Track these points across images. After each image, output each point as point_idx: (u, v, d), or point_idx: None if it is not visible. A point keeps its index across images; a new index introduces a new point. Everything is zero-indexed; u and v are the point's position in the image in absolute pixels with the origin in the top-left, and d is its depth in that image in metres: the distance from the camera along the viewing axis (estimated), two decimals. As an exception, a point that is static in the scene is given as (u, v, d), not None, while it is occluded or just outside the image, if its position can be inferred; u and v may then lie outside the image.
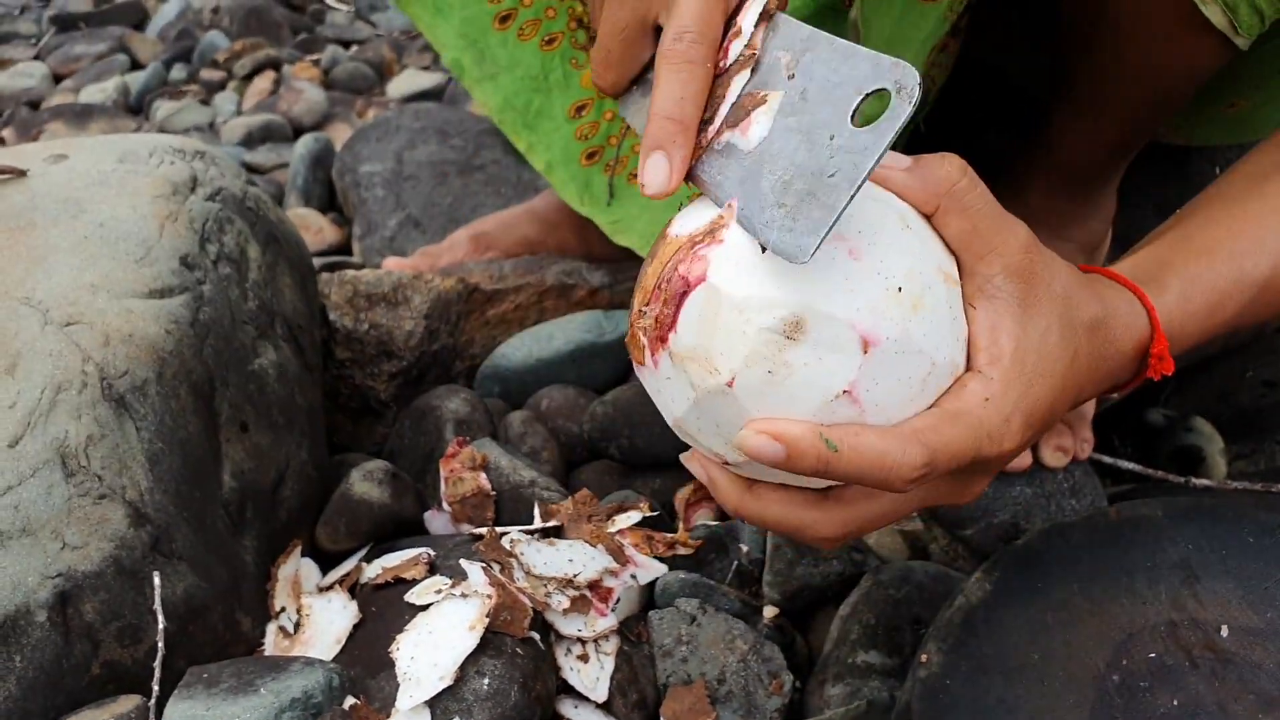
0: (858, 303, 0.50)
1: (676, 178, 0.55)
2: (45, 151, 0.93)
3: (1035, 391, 0.53)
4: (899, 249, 0.52)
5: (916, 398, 0.53)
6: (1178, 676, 0.62)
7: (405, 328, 1.07)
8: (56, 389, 0.72)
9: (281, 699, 0.65)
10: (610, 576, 0.81)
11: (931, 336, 0.52)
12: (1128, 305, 0.59)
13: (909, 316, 0.51)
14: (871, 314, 0.51)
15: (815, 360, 0.50)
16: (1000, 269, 0.53)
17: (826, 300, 0.50)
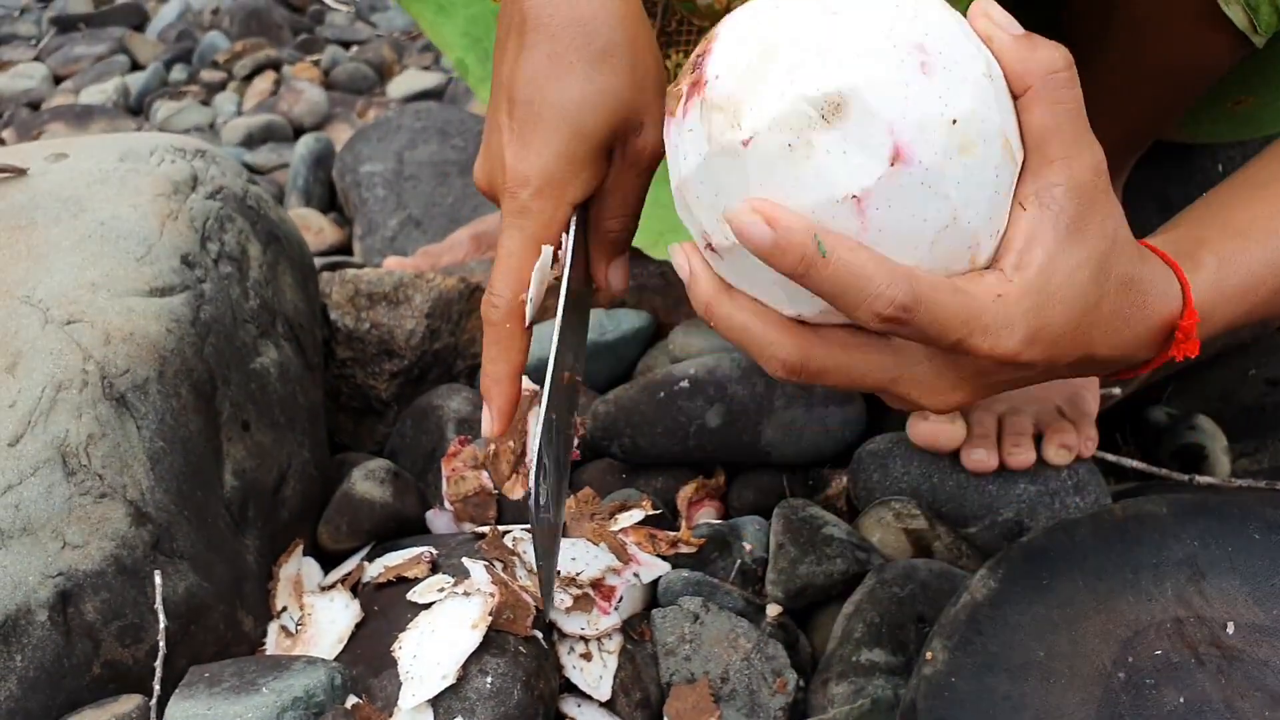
0: (905, 110, 0.47)
1: (498, 424, 0.65)
2: (46, 150, 0.93)
3: (1048, 314, 0.51)
4: (972, 89, 0.48)
5: (923, 248, 0.49)
6: (1184, 674, 0.62)
7: (407, 327, 1.07)
8: (57, 388, 0.72)
9: (283, 698, 0.65)
10: (613, 575, 0.81)
11: (965, 189, 0.49)
12: (1164, 278, 0.57)
13: (951, 153, 0.48)
14: (914, 129, 0.47)
15: (839, 151, 0.48)
16: (1065, 179, 0.50)
17: (874, 90, 0.47)
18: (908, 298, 0.48)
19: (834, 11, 0.49)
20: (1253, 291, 0.61)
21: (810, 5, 0.50)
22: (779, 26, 0.50)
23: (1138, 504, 0.73)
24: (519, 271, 0.62)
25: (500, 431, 0.64)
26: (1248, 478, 0.97)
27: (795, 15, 0.50)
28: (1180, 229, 0.63)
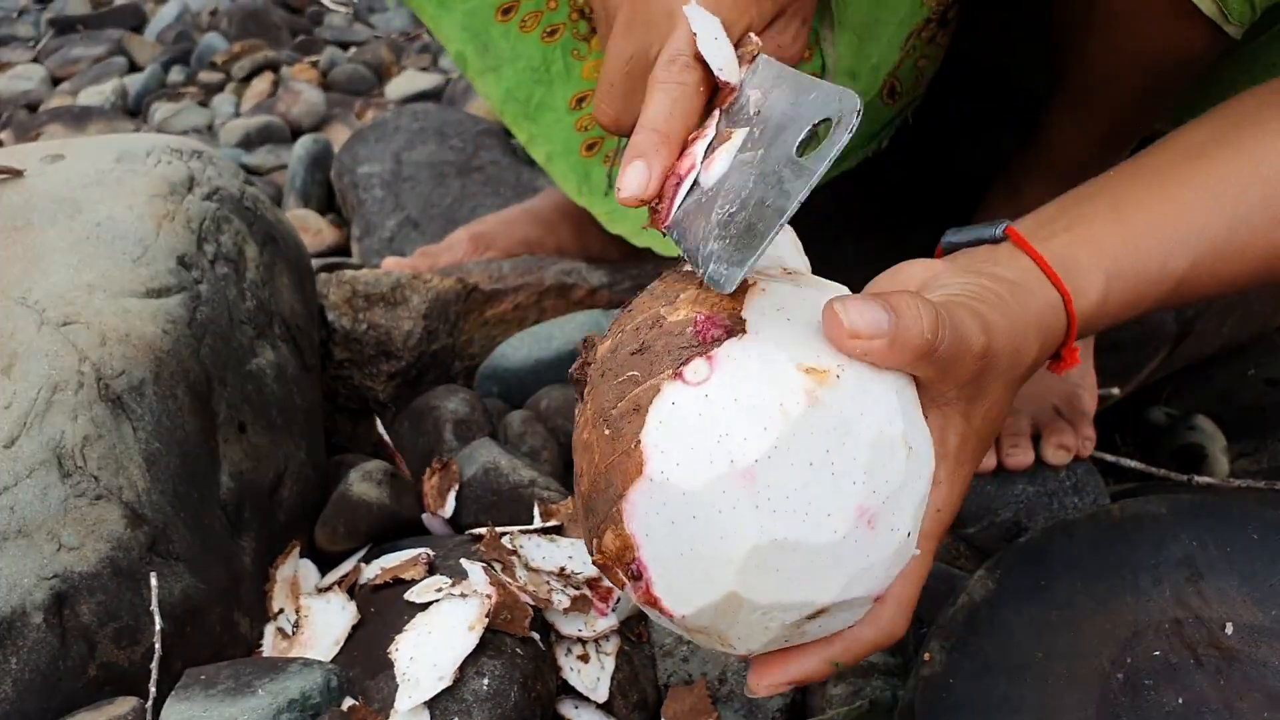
0: (875, 575, 0.50)
1: (654, 186, 0.54)
2: (42, 151, 0.93)
3: (974, 464, 0.56)
4: (907, 489, 0.50)
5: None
6: (1182, 674, 0.62)
7: (404, 328, 1.07)
8: (53, 389, 0.71)
9: (279, 700, 0.64)
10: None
11: (906, 551, 0.52)
12: (1054, 311, 0.59)
13: (910, 547, 0.51)
14: (886, 577, 0.51)
15: (831, 624, 0.51)
16: (954, 387, 0.53)
17: (849, 588, 0.49)
18: (902, 631, 0.54)
19: (762, 511, 0.47)
20: (1134, 305, 0.63)
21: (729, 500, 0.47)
22: (714, 546, 0.48)
23: (1136, 504, 0.72)
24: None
25: (654, 194, 0.54)
26: (1246, 478, 0.96)
27: (723, 526, 0.47)
28: (1080, 229, 0.63)
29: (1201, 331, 1.13)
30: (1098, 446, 0.93)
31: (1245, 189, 0.63)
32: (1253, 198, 0.63)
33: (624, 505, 0.48)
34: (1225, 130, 0.66)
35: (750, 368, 0.48)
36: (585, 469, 0.51)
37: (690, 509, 0.47)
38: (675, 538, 0.48)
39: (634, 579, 0.50)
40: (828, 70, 0.74)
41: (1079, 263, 0.61)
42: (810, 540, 0.47)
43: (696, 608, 0.49)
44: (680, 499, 0.47)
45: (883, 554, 0.49)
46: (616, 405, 0.49)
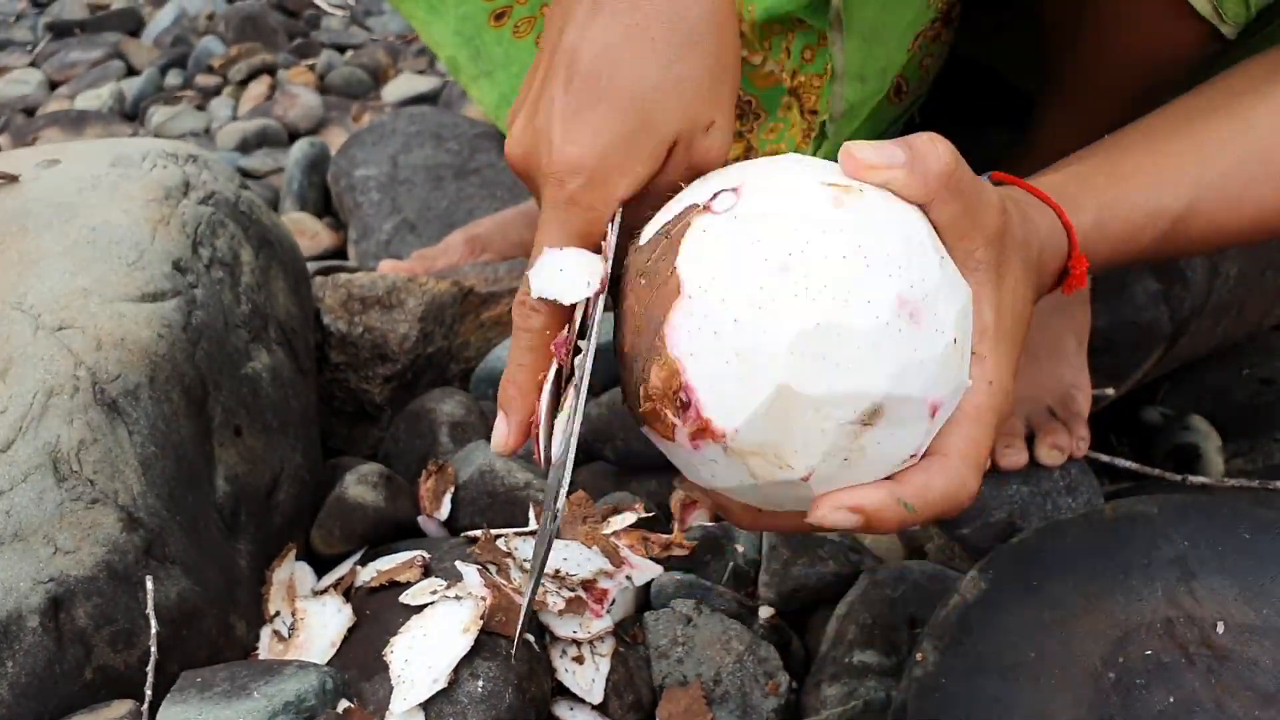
0: (926, 375, 0.49)
1: (513, 438, 0.58)
2: (38, 156, 0.93)
3: (1017, 344, 0.55)
4: (945, 291, 0.50)
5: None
6: (1174, 674, 0.62)
7: (400, 331, 1.07)
8: (48, 393, 0.72)
9: (274, 703, 0.65)
10: (605, 578, 0.81)
11: (968, 367, 0.52)
12: (1050, 224, 0.61)
13: (962, 365, 0.51)
14: (937, 381, 0.50)
15: (889, 438, 0.50)
16: (982, 242, 0.53)
17: (900, 383, 0.48)
18: (977, 476, 0.53)
19: (802, 300, 0.48)
20: (1132, 238, 0.64)
21: (768, 294, 0.48)
22: (758, 341, 0.48)
23: (1128, 504, 0.73)
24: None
25: (516, 446, 0.58)
26: (1241, 477, 0.97)
27: (765, 320, 0.48)
28: (1067, 170, 0.65)
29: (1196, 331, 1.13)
30: (1093, 446, 0.93)
31: (1237, 141, 0.65)
32: (1245, 149, 0.65)
33: (666, 330, 0.49)
34: (1218, 97, 0.68)
35: (777, 185, 0.50)
36: (628, 335, 0.52)
37: (730, 313, 0.48)
38: (719, 347, 0.48)
39: (683, 409, 0.49)
40: (836, 74, 0.75)
41: (1070, 195, 0.62)
42: (854, 324, 0.47)
43: (747, 416, 0.48)
44: (720, 306, 0.48)
45: (931, 351, 0.49)
46: (650, 257, 0.51)
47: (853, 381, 0.48)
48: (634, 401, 0.53)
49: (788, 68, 0.90)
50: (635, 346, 0.51)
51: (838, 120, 0.76)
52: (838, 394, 0.48)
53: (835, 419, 0.48)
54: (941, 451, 0.53)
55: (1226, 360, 1.21)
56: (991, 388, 0.53)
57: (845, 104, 0.76)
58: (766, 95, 0.97)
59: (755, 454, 0.50)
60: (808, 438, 0.49)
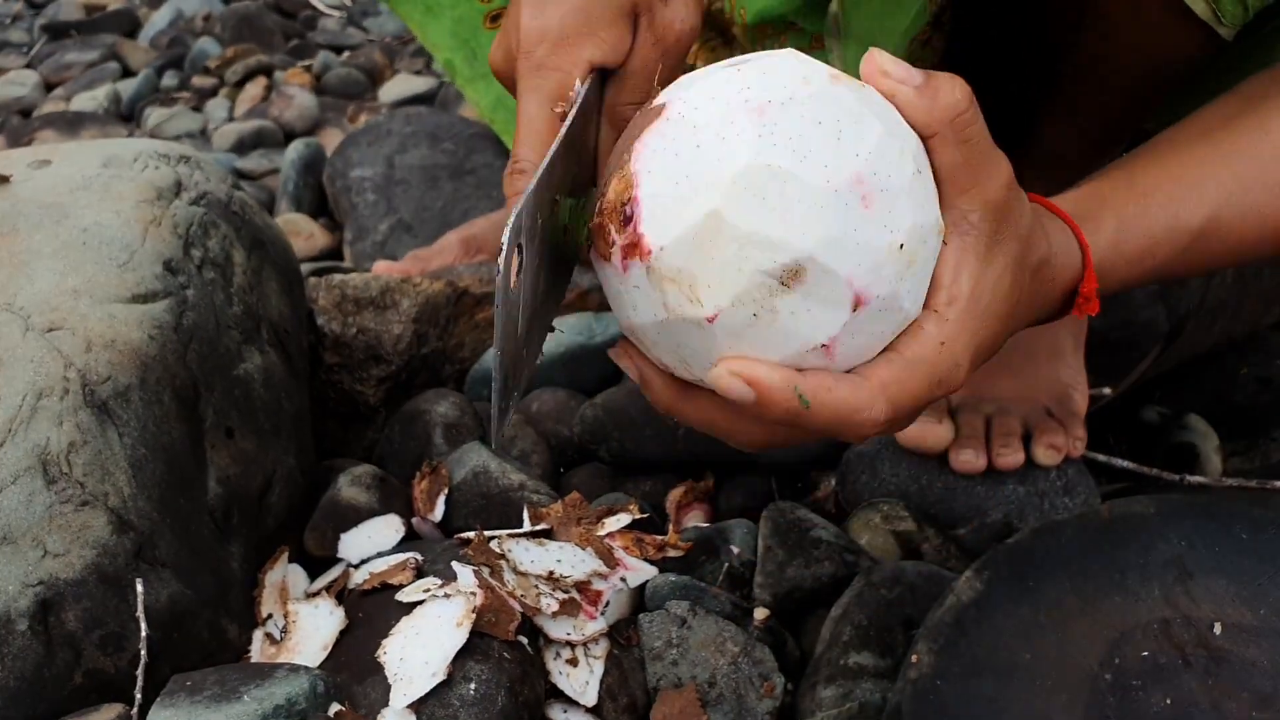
0: (859, 258, 0.49)
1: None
2: (29, 157, 0.93)
3: (984, 331, 0.54)
4: (908, 200, 0.50)
5: (881, 345, 0.52)
6: (1171, 675, 0.62)
7: (394, 332, 1.07)
8: (38, 395, 0.71)
9: (264, 706, 0.64)
10: (599, 579, 0.80)
11: (914, 293, 0.51)
12: (1065, 242, 0.60)
13: (901, 275, 0.50)
14: (870, 272, 0.49)
15: (803, 310, 0.49)
16: (979, 205, 0.53)
17: (829, 252, 0.48)
18: (889, 411, 0.51)
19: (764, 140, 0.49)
20: (1150, 254, 0.63)
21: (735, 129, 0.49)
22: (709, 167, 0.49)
23: (1124, 504, 0.72)
24: (542, 134, 0.58)
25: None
26: (1239, 477, 0.96)
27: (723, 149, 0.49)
28: (1087, 187, 0.64)
29: (1194, 330, 1.12)
30: (1090, 446, 0.93)
31: (1255, 154, 0.64)
32: (1263, 162, 0.64)
33: (635, 146, 0.51)
34: (1234, 109, 0.67)
35: (784, 64, 0.51)
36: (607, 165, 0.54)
37: (696, 137, 0.49)
38: (675, 166, 0.50)
39: (625, 223, 0.51)
40: None
41: (1088, 210, 0.61)
42: (802, 176, 0.48)
43: (675, 236, 0.49)
44: (690, 131, 0.50)
45: (870, 238, 0.49)
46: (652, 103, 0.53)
47: (782, 229, 0.48)
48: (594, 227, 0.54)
49: None
50: (607, 169, 0.53)
51: None
52: (763, 237, 0.48)
53: (754, 262, 0.49)
54: (862, 374, 0.52)
55: (1224, 360, 1.20)
56: (942, 349, 0.52)
57: None
58: None
59: (672, 281, 0.50)
60: (723, 274, 0.49)
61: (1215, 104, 0.69)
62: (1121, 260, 0.62)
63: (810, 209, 0.48)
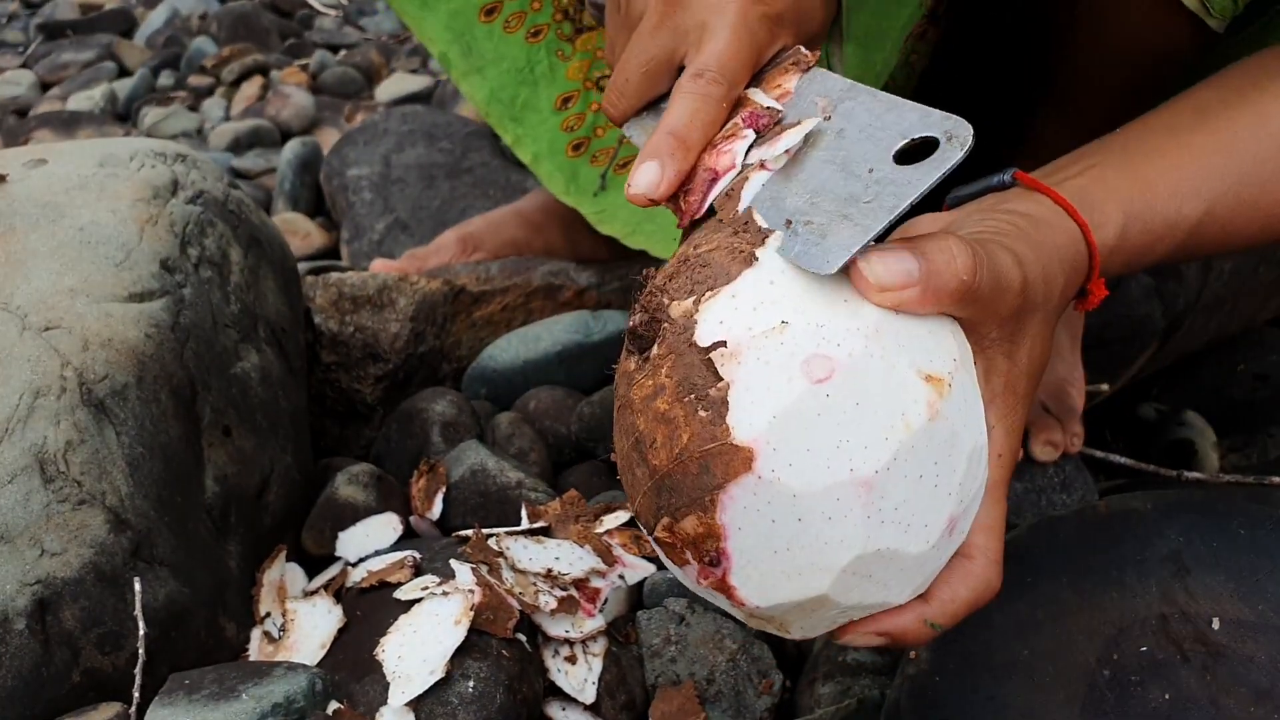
0: (937, 571, 0.52)
1: (665, 188, 0.55)
2: (25, 156, 0.93)
3: (1026, 405, 0.56)
4: (980, 495, 0.52)
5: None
6: (1169, 671, 0.62)
7: (391, 330, 1.06)
8: (35, 394, 0.71)
9: (263, 704, 0.64)
10: (598, 577, 0.80)
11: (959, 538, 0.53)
12: (1071, 239, 0.59)
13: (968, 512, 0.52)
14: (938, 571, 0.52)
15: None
16: (995, 325, 0.53)
17: (918, 590, 0.51)
18: (997, 586, 0.54)
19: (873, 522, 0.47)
20: (1149, 249, 0.63)
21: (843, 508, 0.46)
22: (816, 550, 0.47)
23: (1122, 500, 0.72)
24: (732, 50, 0.58)
25: (666, 195, 0.55)
26: (1237, 473, 0.96)
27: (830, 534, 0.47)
28: (1091, 169, 0.64)
29: (1190, 327, 1.12)
30: (1087, 443, 0.93)
31: (1254, 142, 0.65)
32: (1261, 152, 0.64)
33: (721, 496, 0.46)
34: (1232, 91, 0.67)
35: (874, 369, 0.47)
36: (664, 442, 0.48)
37: (798, 511, 0.46)
38: (772, 536, 0.47)
39: (708, 564, 0.48)
40: None
41: (1094, 200, 0.61)
42: (907, 550, 0.48)
43: (775, 601, 0.48)
44: (789, 501, 0.46)
45: (949, 554, 0.51)
46: (716, 385, 0.47)
47: (883, 596, 0.50)
48: (649, 517, 0.50)
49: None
50: (673, 477, 0.48)
51: None
52: (865, 604, 0.50)
53: (849, 616, 0.51)
54: (966, 552, 0.53)
55: (1221, 356, 1.20)
56: (1001, 459, 0.54)
57: None
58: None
59: (760, 620, 0.51)
60: (818, 625, 0.51)
61: (1211, 84, 0.69)
62: (1122, 250, 0.62)
63: (910, 573, 0.50)
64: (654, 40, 0.61)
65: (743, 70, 0.58)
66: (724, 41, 0.58)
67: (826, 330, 0.46)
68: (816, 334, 0.46)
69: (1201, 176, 0.64)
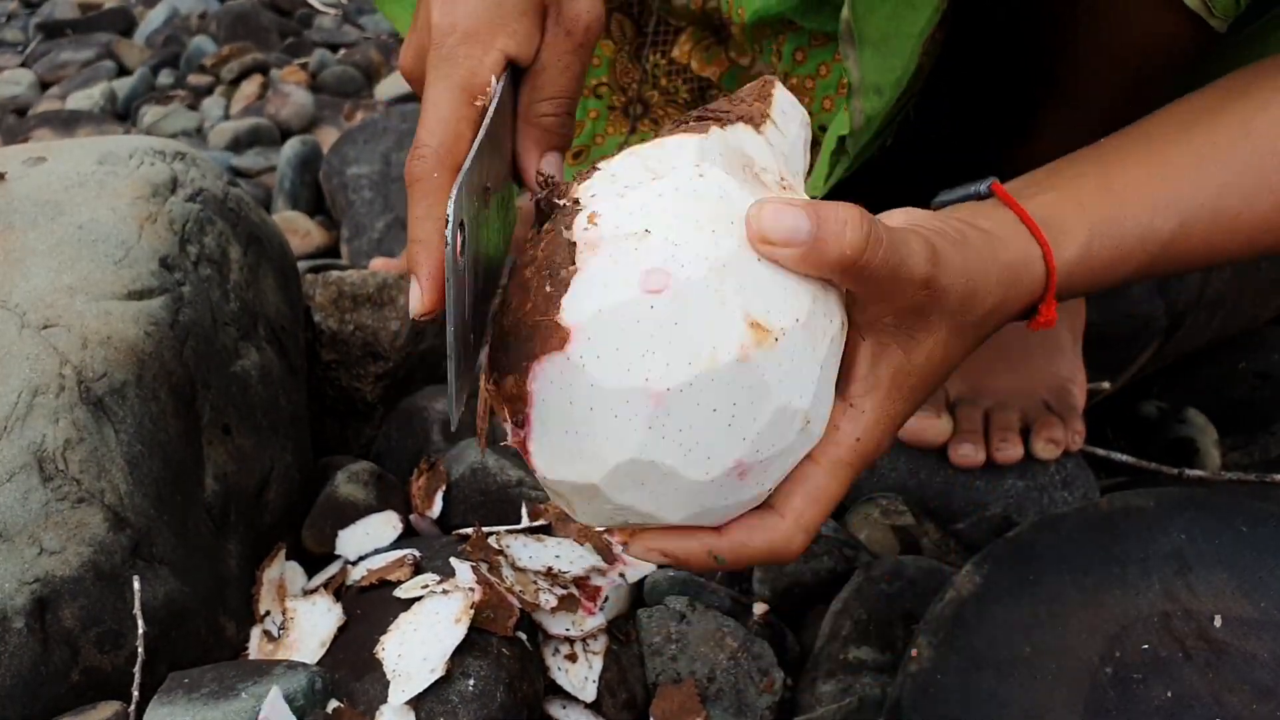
0: (722, 514, 0.54)
1: (428, 297, 0.53)
2: (24, 154, 0.92)
3: (911, 403, 0.56)
4: (785, 456, 0.53)
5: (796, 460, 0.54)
6: (1171, 668, 0.61)
7: (391, 328, 1.06)
8: (33, 392, 0.71)
9: (262, 703, 0.64)
10: (598, 575, 0.80)
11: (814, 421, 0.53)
12: (1029, 264, 0.59)
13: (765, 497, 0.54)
14: (728, 516, 0.54)
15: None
16: (890, 313, 0.53)
17: (694, 518, 0.53)
18: (807, 537, 0.55)
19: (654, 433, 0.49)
20: (1117, 266, 0.62)
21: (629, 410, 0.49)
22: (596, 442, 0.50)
23: (1124, 498, 0.72)
24: (446, 121, 0.56)
25: (432, 306, 0.53)
26: (1238, 471, 0.96)
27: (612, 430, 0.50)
28: (1065, 186, 0.63)
29: (1192, 325, 1.12)
30: (1089, 441, 0.92)
31: (1234, 155, 0.63)
32: (1241, 164, 0.63)
33: (535, 366, 0.50)
34: (1216, 101, 0.66)
35: (704, 298, 0.48)
36: (515, 305, 0.51)
37: (590, 399, 0.49)
38: (566, 415, 0.50)
39: (516, 425, 0.52)
40: (853, 89, 0.74)
41: (1062, 218, 0.61)
42: (683, 473, 0.50)
43: (559, 477, 0.52)
44: (587, 389, 0.49)
45: (737, 500, 0.53)
46: (568, 268, 0.50)
47: (653, 508, 0.52)
48: (488, 370, 0.54)
49: (779, 70, 0.89)
50: (508, 336, 0.51)
51: (856, 133, 0.75)
52: (636, 510, 0.52)
53: (623, 518, 0.53)
54: (776, 507, 0.54)
55: (1223, 354, 1.20)
56: (858, 444, 0.54)
57: (864, 117, 0.75)
58: None
59: (550, 491, 0.55)
60: (596, 515, 0.54)
61: (1197, 95, 0.68)
62: (1084, 271, 0.61)
63: (683, 496, 0.51)
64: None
65: (450, 123, 0.56)
66: (424, 112, 0.57)
67: (679, 251, 0.48)
68: (668, 250, 0.49)
69: (1176, 192, 0.63)
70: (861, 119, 0.74)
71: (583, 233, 0.50)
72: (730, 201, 0.50)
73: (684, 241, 0.49)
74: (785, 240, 0.49)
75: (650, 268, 0.48)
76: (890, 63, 0.72)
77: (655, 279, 0.48)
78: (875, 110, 0.74)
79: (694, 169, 0.52)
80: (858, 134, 0.75)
